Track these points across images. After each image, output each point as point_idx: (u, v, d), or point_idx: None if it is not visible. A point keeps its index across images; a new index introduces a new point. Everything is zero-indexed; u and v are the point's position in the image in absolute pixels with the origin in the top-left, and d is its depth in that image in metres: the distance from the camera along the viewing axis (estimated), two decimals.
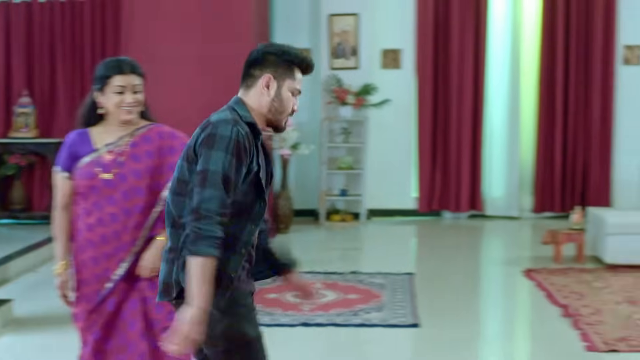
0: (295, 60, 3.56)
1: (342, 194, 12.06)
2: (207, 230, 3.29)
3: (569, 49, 12.00)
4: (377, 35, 12.14)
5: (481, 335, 7.17)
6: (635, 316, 7.18)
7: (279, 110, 3.55)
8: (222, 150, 3.35)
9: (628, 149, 12.09)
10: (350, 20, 11.91)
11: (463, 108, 12.07)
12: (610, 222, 9.06)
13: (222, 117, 3.45)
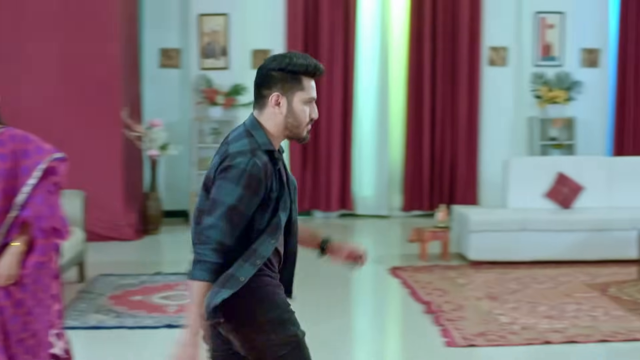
0: (300, 69, 3.46)
1: None
2: (204, 255, 3.32)
3: (436, 50, 12.22)
4: (247, 35, 12.12)
5: (346, 333, 7.23)
6: (495, 311, 7.35)
7: (295, 125, 3.49)
8: (234, 182, 3.34)
9: (493, 148, 12.37)
10: (220, 20, 11.87)
11: (333, 108, 12.16)
12: (473, 219, 9.26)
13: (240, 148, 3.41)
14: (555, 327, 6.86)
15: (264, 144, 3.45)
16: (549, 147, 12.29)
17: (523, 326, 6.90)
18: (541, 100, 12.08)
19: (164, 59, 12.19)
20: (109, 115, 10.48)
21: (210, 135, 11.99)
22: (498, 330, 6.77)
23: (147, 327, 6.93)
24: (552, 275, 8.72)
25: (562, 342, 6.53)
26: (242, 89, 11.82)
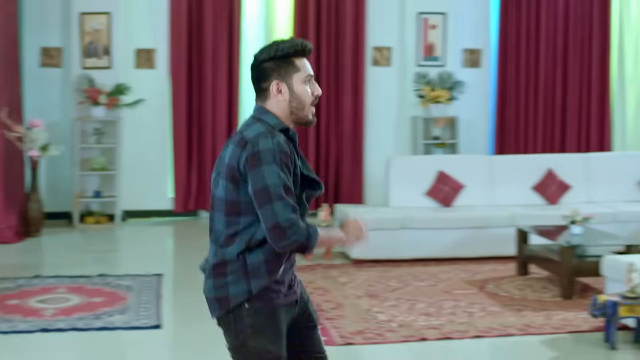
0: (290, 52, 3.53)
1: (96, 195, 11.84)
2: (301, 235, 3.39)
3: (320, 50, 12.27)
4: (131, 34, 11.98)
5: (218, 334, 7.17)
6: (374, 309, 7.42)
7: (299, 107, 3.56)
8: (271, 163, 3.39)
9: (377, 147, 12.49)
10: (102, 19, 11.69)
11: (218, 108, 12.11)
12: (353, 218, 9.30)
13: (257, 132, 3.46)
14: (432, 324, 6.97)
15: (277, 124, 3.53)
16: (432, 146, 12.45)
17: (401, 324, 6.98)
18: (424, 100, 12.23)
19: (45, 58, 11.95)
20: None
21: (92, 136, 11.80)
22: (376, 328, 6.84)
23: (22, 332, 6.80)
24: (433, 273, 8.84)
25: (437, 338, 6.63)
26: (125, 89, 11.67)
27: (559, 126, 12.90)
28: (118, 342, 6.68)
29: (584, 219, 8.38)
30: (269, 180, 3.38)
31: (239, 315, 3.54)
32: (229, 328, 3.59)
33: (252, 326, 3.53)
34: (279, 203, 3.37)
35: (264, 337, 3.54)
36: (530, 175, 10.21)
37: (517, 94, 12.81)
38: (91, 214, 11.84)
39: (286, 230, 3.36)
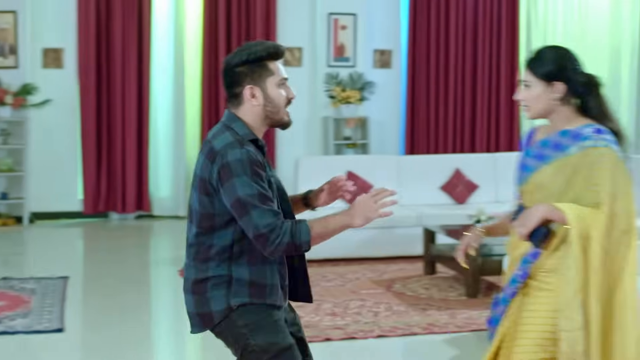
0: (263, 55, 3.48)
1: (3, 197, 11.64)
2: (284, 235, 3.34)
3: (230, 50, 12.19)
4: (38, 33, 11.80)
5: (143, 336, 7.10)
6: None
7: (274, 111, 3.52)
8: (241, 175, 3.34)
9: (289, 147, 12.49)
10: (8, 17, 11.49)
11: (127, 108, 11.98)
12: None
13: (225, 142, 3.40)
14: (337, 324, 6.98)
15: (246, 134, 3.47)
16: (343, 146, 12.49)
17: (306, 324, 6.96)
18: (335, 101, 12.26)
19: None
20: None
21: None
22: None
23: None
24: (341, 273, 8.88)
25: (341, 338, 6.65)
26: (32, 89, 11.51)
27: (468, 126, 13.05)
28: (18, 347, 6.57)
29: (488, 218, 8.49)
30: (241, 192, 3.35)
31: (230, 322, 3.50)
32: (227, 338, 3.56)
33: (247, 326, 3.49)
34: (255, 212, 3.34)
35: (264, 332, 3.50)
36: (438, 175, 10.31)
37: (428, 95, 12.93)
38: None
39: (268, 236, 3.33)
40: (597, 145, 3.55)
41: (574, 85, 3.63)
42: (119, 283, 8.62)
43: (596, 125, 3.62)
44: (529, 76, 3.67)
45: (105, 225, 12.06)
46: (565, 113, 3.67)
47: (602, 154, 3.54)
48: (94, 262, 10.00)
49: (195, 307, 3.54)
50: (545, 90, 3.64)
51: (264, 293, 3.51)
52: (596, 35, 13.52)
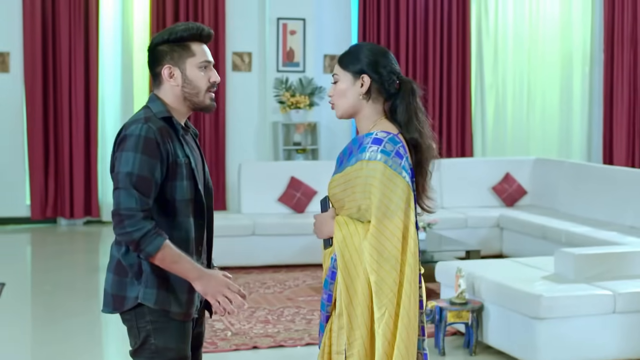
0: (184, 35, 3.43)
1: None
2: (138, 230, 3.26)
3: None
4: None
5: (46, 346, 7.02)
6: (213, 318, 7.31)
7: (193, 93, 3.45)
8: (131, 150, 3.29)
9: (239, 153, 12.42)
10: None
11: (75, 112, 11.86)
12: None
13: (134, 118, 3.38)
14: (268, 332, 6.94)
15: (160, 112, 3.43)
16: (293, 151, 12.43)
17: (236, 332, 6.93)
18: (284, 106, 12.21)
19: None
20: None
21: None
22: (209, 337, 6.76)
23: None
24: (281, 280, 8.82)
25: (270, 346, 6.61)
26: None
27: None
28: None
29: (427, 225, 8.47)
30: (123, 167, 3.32)
31: (139, 313, 3.45)
32: (131, 327, 3.50)
33: (152, 323, 3.44)
34: (124, 191, 3.31)
35: (166, 335, 3.45)
36: None
37: None
38: None
39: (124, 219, 3.29)
40: (371, 158, 3.42)
41: (383, 83, 3.51)
42: (59, 290, 8.52)
43: (381, 134, 3.45)
44: (338, 69, 3.58)
45: (54, 231, 11.94)
46: (369, 113, 3.55)
47: (375, 169, 3.40)
48: (37, 269, 9.89)
49: (112, 287, 3.49)
50: (352, 84, 3.53)
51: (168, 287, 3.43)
52: (547, 42, 13.56)
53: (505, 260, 7.41)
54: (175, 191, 3.42)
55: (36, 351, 6.80)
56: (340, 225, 3.46)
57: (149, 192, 3.35)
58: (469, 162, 11.16)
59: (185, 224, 3.45)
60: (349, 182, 3.48)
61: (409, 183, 3.41)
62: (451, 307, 6.35)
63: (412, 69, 12.95)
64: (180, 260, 3.34)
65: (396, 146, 3.42)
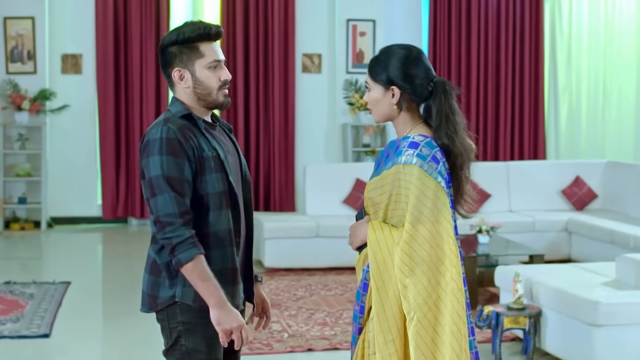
0: (192, 36, 3.41)
1: (21, 201, 11.71)
2: (176, 237, 3.28)
3: (249, 57, 12.21)
4: (56, 39, 11.88)
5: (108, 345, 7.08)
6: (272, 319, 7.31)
7: (205, 94, 3.45)
8: (156, 154, 3.30)
9: (309, 155, 12.43)
10: (26, 23, 11.58)
11: (145, 113, 11.99)
12: (266, 227, 9.25)
13: (154, 123, 3.39)
14: (325, 334, 6.90)
15: (179, 111, 3.43)
16: (362, 153, 12.38)
17: (293, 334, 6.91)
18: (353, 107, 12.17)
19: None
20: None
21: (17, 142, 11.66)
22: (265, 339, 6.76)
23: None
24: (343, 282, 8.78)
25: (325, 349, 6.57)
26: (50, 94, 11.57)
27: (491, 134, 12.88)
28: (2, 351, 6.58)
29: (490, 228, 8.35)
30: (153, 172, 3.33)
31: (171, 313, 3.46)
32: (164, 326, 3.52)
33: (184, 324, 3.45)
34: (160, 197, 3.31)
35: (196, 337, 3.45)
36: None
37: None
38: (17, 220, 11.72)
39: (165, 226, 3.30)
40: (407, 162, 3.36)
41: (415, 91, 3.45)
42: (122, 290, 8.61)
43: (417, 137, 3.40)
44: (368, 79, 3.52)
45: (124, 230, 12.08)
46: (404, 119, 3.49)
47: (411, 173, 3.35)
48: (106, 268, 10.01)
49: (147, 287, 3.51)
50: (383, 95, 3.46)
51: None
52: (623, 41, 13.26)
53: (567, 265, 7.25)
54: (207, 185, 3.41)
55: (100, 349, 6.87)
56: (374, 228, 3.42)
57: (184, 192, 3.34)
58: (538, 165, 10.95)
59: (221, 217, 3.44)
60: (385, 186, 3.43)
61: (444, 188, 3.35)
62: (508, 312, 6.24)
63: (484, 70, 12.80)
64: (208, 280, 3.33)
65: (433, 150, 3.37)
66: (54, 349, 6.68)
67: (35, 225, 11.77)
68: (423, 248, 3.31)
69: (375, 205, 3.49)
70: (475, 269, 7.77)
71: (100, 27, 11.85)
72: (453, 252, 3.36)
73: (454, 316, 3.33)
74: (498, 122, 12.90)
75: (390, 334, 3.37)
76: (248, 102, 12.28)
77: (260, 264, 9.49)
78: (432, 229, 3.32)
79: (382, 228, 3.41)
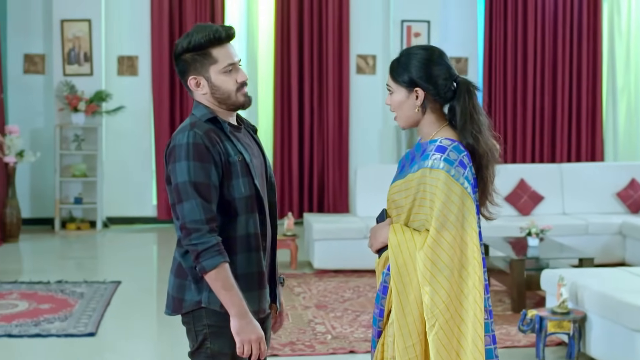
0: (202, 42, 3.39)
1: (77, 201, 11.86)
2: (202, 244, 3.28)
3: (303, 57, 12.20)
4: (112, 41, 12.01)
5: (151, 345, 7.13)
6: (316, 320, 7.34)
7: (224, 97, 3.44)
8: (183, 159, 3.30)
9: (363, 156, 12.39)
10: (83, 26, 11.71)
11: None
12: (316, 227, 9.24)
13: (180, 127, 3.39)
14: (368, 336, 6.86)
15: (203, 115, 3.42)
16: None
17: (336, 335, 6.89)
18: None
19: (29, 65, 12.02)
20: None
21: (73, 142, 11.82)
22: (309, 340, 6.76)
23: None
24: None
25: (367, 351, 6.53)
26: (106, 95, 11.69)
27: (547, 136, 12.71)
28: (46, 349, 6.66)
29: (540, 231, 8.25)
30: (179, 178, 3.32)
31: (197, 316, 3.47)
32: (189, 329, 3.53)
33: (209, 327, 3.45)
34: (186, 203, 3.30)
35: (222, 340, 3.45)
36: (502, 185, 10.00)
37: (505, 103, 12.64)
38: (73, 220, 11.87)
39: (191, 232, 3.29)
40: (434, 166, 3.32)
41: (439, 92, 3.40)
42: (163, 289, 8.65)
43: (445, 141, 3.36)
44: (390, 81, 3.48)
45: None
46: (429, 121, 3.45)
47: (437, 178, 3.30)
48: (156, 268, 10.08)
49: (173, 289, 3.51)
50: (406, 97, 3.43)
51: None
52: None
53: (616, 269, 7.12)
54: (234, 190, 3.40)
55: (144, 348, 6.92)
56: (396, 230, 3.39)
57: (211, 198, 3.33)
58: (592, 166, 10.76)
59: (248, 221, 3.43)
60: (410, 189, 3.40)
61: (470, 194, 3.32)
62: (552, 316, 6.15)
63: (541, 71, 12.62)
64: (231, 289, 3.33)
65: (460, 155, 3.34)
66: (98, 348, 6.74)
67: (91, 225, 11.90)
68: (447, 254, 3.28)
69: (399, 208, 3.46)
70: (523, 272, 7.66)
71: (156, 29, 11.95)
72: (476, 259, 3.32)
73: (475, 324, 3.29)
74: (555, 123, 12.72)
75: (410, 339, 3.34)
76: (302, 103, 12.29)
77: (309, 265, 9.50)
78: (456, 235, 3.28)
79: (404, 231, 3.38)
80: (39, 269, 9.54)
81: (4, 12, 11.75)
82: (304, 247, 9.96)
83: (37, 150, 11.55)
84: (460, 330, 3.30)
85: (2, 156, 10.84)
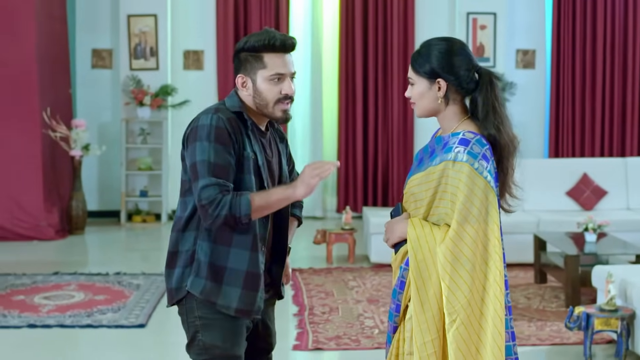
0: (256, 45, 3.43)
1: (143, 194, 12.00)
2: (222, 208, 3.28)
3: (367, 50, 12.15)
4: (178, 36, 12.12)
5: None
6: (365, 315, 7.31)
7: (262, 104, 3.47)
8: (205, 139, 3.34)
9: None
10: (149, 21, 11.84)
11: None
12: (373, 221, 9.20)
13: (204, 110, 3.45)
14: None
15: (232, 106, 3.47)
16: None
17: (384, 330, 6.85)
18: None
19: (96, 60, 12.21)
20: (27, 116, 10.50)
21: (139, 136, 11.96)
22: (355, 334, 6.73)
23: (10, 327, 6.93)
24: None
25: None
26: (171, 90, 11.80)
27: (617, 129, 12.43)
28: (96, 340, 6.74)
29: (597, 226, 8.08)
30: (198, 157, 3.34)
31: (190, 307, 3.50)
32: (183, 320, 3.56)
33: (200, 319, 3.48)
34: (201, 181, 3.32)
35: (213, 332, 3.48)
36: (563, 180, 9.86)
37: (574, 96, 12.41)
38: (139, 213, 12.02)
39: (207, 208, 3.30)
40: (457, 159, 3.27)
41: (461, 83, 3.36)
42: None
43: (468, 134, 3.31)
44: (411, 73, 3.44)
45: None
46: (451, 113, 3.41)
47: (460, 171, 3.26)
48: None
49: (166, 281, 3.56)
50: (428, 88, 3.39)
51: (220, 280, 3.42)
52: None
53: None
54: (241, 184, 3.41)
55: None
56: (415, 225, 3.36)
57: (228, 178, 3.35)
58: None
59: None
60: (431, 182, 3.36)
61: (493, 188, 3.29)
62: (599, 313, 6.03)
63: (610, 62, 12.35)
64: (270, 195, 3.37)
65: (483, 149, 3.30)
66: (146, 339, 6.80)
67: (156, 218, 12.03)
68: (469, 248, 3.25)
69: (418, 202, 3.41)
70: (577, 268, 7.52)
71: (221, 24, 12.01)
72: (498, 254, 3.29)
73: (495, 320, 3.25)
74: (625, 116, 12.44)
75: (429, 335, 3.30)
76: (366, 98, 12.23)
77: (367, 260, 9.46)
78: (479, 229, 3.25)
79: (423, 226, 3.34)
80: (103, 261, 9.69)
81: (72, 9, 11.94)
82: (362, 241, 9.93)
83: (104, 143, 11.72)
84: (481, 325, 3.27)
85: (68, 149, 11.02)
